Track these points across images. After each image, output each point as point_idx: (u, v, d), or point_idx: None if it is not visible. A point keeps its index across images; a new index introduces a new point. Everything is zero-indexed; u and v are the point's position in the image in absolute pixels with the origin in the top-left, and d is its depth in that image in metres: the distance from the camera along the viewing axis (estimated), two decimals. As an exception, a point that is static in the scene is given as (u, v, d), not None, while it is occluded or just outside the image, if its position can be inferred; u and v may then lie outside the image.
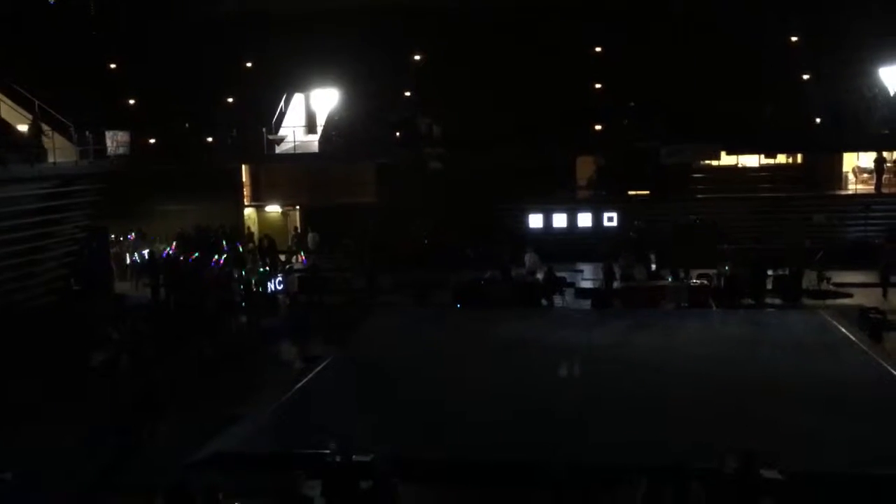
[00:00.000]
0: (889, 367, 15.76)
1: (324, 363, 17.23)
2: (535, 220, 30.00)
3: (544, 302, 22.62)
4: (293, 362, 17.70)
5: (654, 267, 23.57)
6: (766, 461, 10.25)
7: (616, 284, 22.68)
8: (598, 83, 30.39)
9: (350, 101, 32.74)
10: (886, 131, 28.76)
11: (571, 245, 28.17)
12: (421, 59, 32.32)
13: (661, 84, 29.17)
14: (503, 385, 15.37)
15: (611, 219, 29.55)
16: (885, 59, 30.17)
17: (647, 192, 30.63)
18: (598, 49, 31.14)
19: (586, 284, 24.38)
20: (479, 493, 11.28)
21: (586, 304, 22.65)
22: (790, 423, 12.92)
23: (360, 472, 10.58)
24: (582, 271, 26.09)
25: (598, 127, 29.78)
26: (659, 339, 18.60)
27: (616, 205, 29.76)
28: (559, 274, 23.36)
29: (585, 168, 32.01)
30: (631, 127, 29.38)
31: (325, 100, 33.94)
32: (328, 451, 10.86)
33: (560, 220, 29.89)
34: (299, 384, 15.95)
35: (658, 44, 29.92)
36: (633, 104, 29.72)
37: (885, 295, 21.96)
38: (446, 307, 22.72)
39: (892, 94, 29.32)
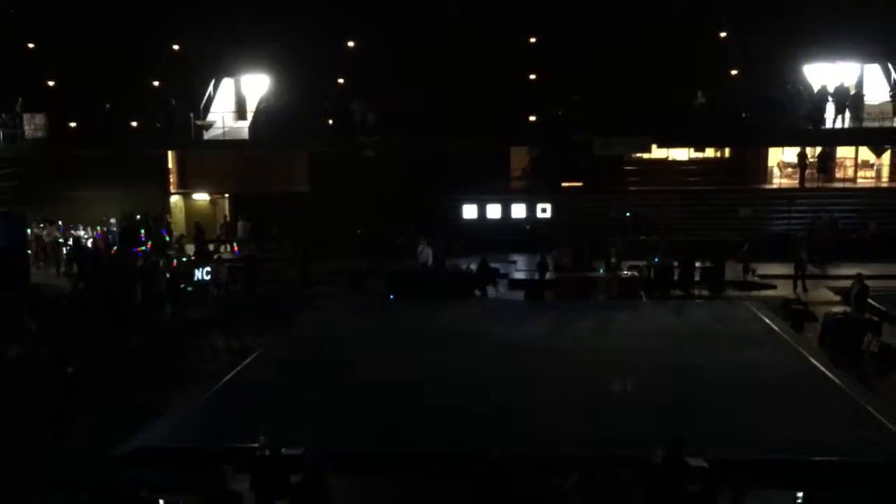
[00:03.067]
0: (809, 357, 16.25)
1: (253, 355, 16.90)
2: (470, 211, 30.03)
3: (478, 293, 22.65)
4: (221, 354, 17.28)
5: (613, 260, 23.49)
6: (692, 449, 10.43)
7: (549, 275, 22.86)
8: (533, 74, 30.52)
9: (282, 88, 32.14)
10: (809, 127, 29.66)
11: (506, 235, 28.33)
12: (355, 46, 31.93)
13: (594, 76, 29.44)
14: (437, 376, 15.32)
15: (544, 210, 29.80)
16: (808, 56, 31.09)
17: (581, 183, 30.96)
18: (532, 39, 31.23)
19: (520, 275, 24.49)
20: (412, 483, 11.20)
21: (520, 294, 22.78)
22: (716, 411, 13.21)
23: (290, 465, 10.37)
24: (516, 262, 26.23)
25: (532, 118, 29.92)
26: (591, 330, 18.82)
27: (550, 196, 30.00)
28: (493, 265, 23.42)
29: (519, 159, 32.18)
30: (565, 119, 29.61)
31: (255, 85, 33.26)
32: (257, 445, 10.62)
33: (494, 211, 30.01)
34: (227, 376, 15.60)
35: (592, 36, 30.15)
36: (572, 96, 29.97)
37: (802, 287, 22.60)
38: (380, 297, 22.55)
39: (815, 90, 30.23)
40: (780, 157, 32.56)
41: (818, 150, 30.98)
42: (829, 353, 16.78)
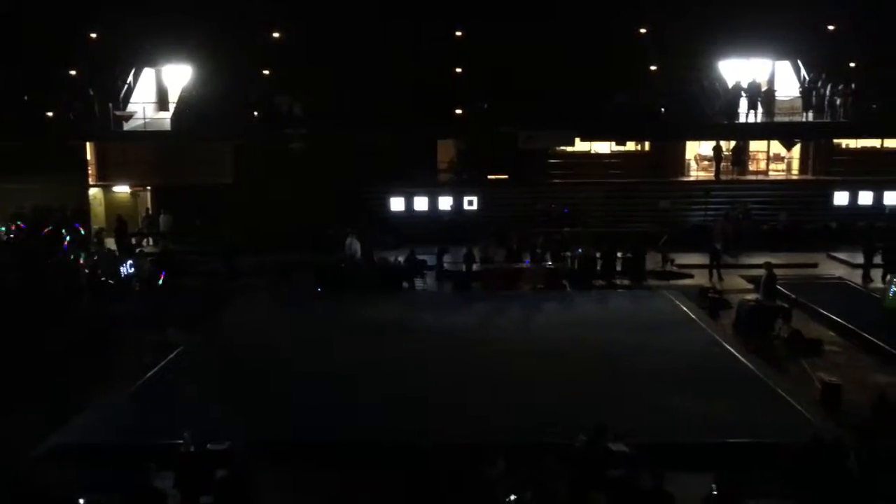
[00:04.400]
0: (724, 343, 16.92)
1: (177, 350, 16.64)
2: (397, 203, 30.08)
3: (406, 285, 22.75)
4: (144, 350, 16.94)
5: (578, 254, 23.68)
6: (613, 434, 10.79)
7: (476, 267, 23.12)
8: (459, 67, 30.70)
9: (205, 78, 31.51)
10: (724, 121, 30.71)
11: (434, 228, 28.47)
12: (280, 37, 31.54)
13: (519, 70, 29.79)
14: (365, 368, 15.37)
15: (471, 202, 30.08)
16: (723, 53, 32.14)
17: (506, 176, 31.35)
18: (459, 33, 31.40)
19: (447, 267, 24.65)
20: (343, 476, 11.24)
21: (447, 286, 22.97)
22: (637, 396, 13.67)
23: (215, 460, 10.30)
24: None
25: (458, 111, 30.12)
26: (517, 320, 19.16)
27: (476, 189, 30.30)
28: (420, 257, 23.55)
29: (446, 152, 32.36)
30: (490, 112, 29.91)
31: (177, 76, 32.51)
32: (181, 441, 10.51)
33: (421, 204, 30.13)
34: (150, 372, 15.34)
35: (517, 31, 30.49)
36: (493, 89, 30.27)
37: (717, 276, 23.43)
38: (308, 290, 22.43)
39: (729, 86, 31.30)
40: (697, 150, 33.61)
41: (733, 143, 32.12)
42: (742, 338, 17.51)
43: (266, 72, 30.64)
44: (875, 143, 32.74)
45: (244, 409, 13.18)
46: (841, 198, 29.87)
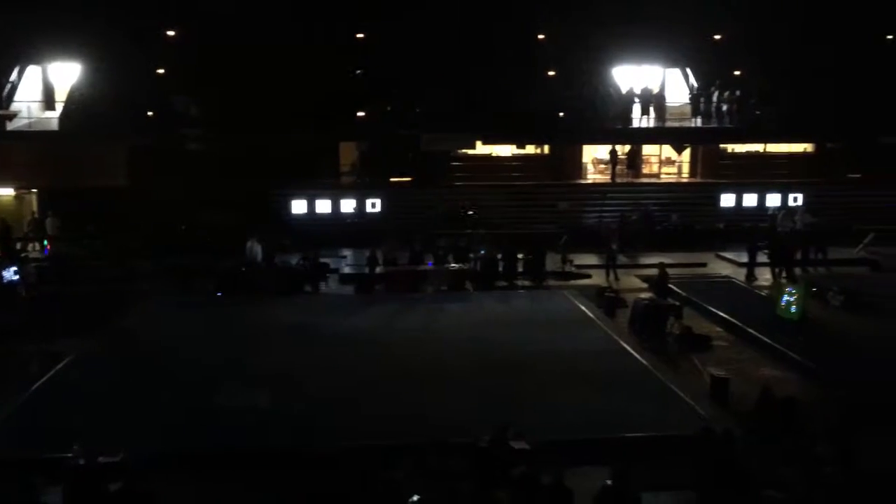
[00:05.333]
0: (620, 341, 17.47)
1: (67, 358, 15.94)
2: (299, 206, 29.72)
3: (308, 288, 22.52)
4: (31, 360, 16.14)
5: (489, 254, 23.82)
6: (515, 432, 10.99)
7: (379, 269, 23.10)
8: (361, 69, 30.60)
9: (96, 77, 30.30)
10: (619, 126, 31.72)
11: (336, 230, 28.29)
12: (176, 35, 30.65)
13: (421, 73, 29.94)
14: (265, 372, 15.12)
15: (374, 205, 30.02)
16: (617, 60, 33.20)
17: (409, 178, 31.44)
18: (360, 35, 31.29)
19: (350, 270, 24.57)
20: (247, 484, 11.02)
21: (350, 289, 22.88)
22: (538, 394, 13.95)
23: (109, 473, 9.93)
24: (346, 257, 26.27)
25: (360, 113, 30.01)
26: (421, 321, 19.24)
27: (379, 191, 30.26)
28: (323, 260, 23.36)
29: (348, 154, 32.19)
30: (393, 114, 29.93)
31: (65, 73, 31.15)
32: (70, 454, 10.08)
33: (324, 206, 29.87)
34: (38, 383, 14.63)
35: (419, 36, 30.61)
36: (394, 91, 30.32)
37: (613, 276, 24.18)
38: (207, 295, 21.88)
39: (623, 92, 32.34)
40: (594, 154, 34.60)
41: (627, 147, 33.20)
42: (637, 336, 18.12)
43: (160, 70, 29.74)
44: (759, 147, 34.51)
45: (140, 418, 12.77)
46: (728, 200, 31.30)
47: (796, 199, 30.69)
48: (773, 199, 30.89)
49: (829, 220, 27.36)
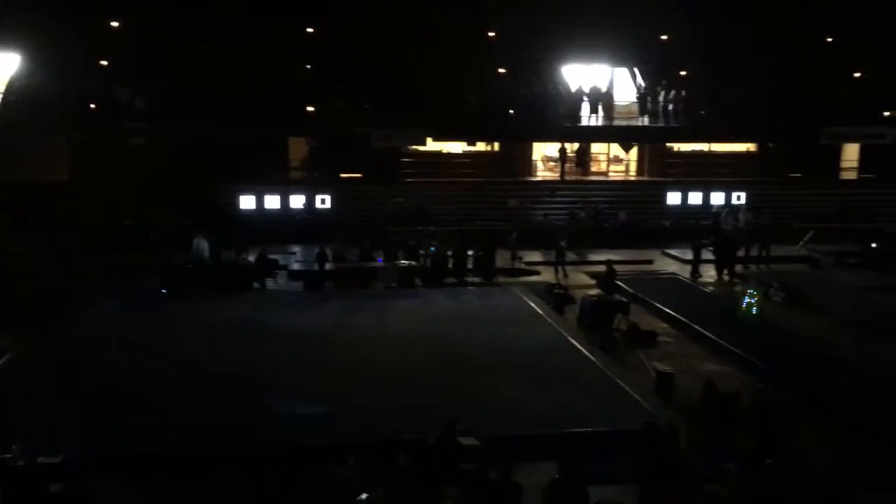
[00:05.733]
0: (569, 337, 17.65)
1: (6, 357, 15.50)
2: (247, 202, 29.37)
3: (256, 285, 22.27)
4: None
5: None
6: (463, 429, 11.04)
7: (329, 266, 22.96)
8: (310, 64, 30.33)
9: (36, 68, 29.44)
10: (568, 124, 32.04)
11: (286, 227, 28.02)
12: (120, 26, 29.96)
13: (372, 69, 29.82)
14: (212, 371, 14.93)
15: (324, 201, 29.82)
16: (566, 58, 33.48)
17: (360, 174, 31.30)
18: (310, 29, 31.01)
19: (299, 266, 24.37)
20: (185, 485, 10.86)
21: (299, 286, 22.69)
22: (488, 390, 14.01)
23: (49, 474, 9.70)
24: (295, 253, 26.05)
25: (310, 108, 29.76)
26: (370, 319, 19.16)
27: (329, 187, 30.07)
28: (271, 256, 23.12)
29: (298, 150, 31.91)
30: (343, 109, 29.74)
31: (5, 64, 30.16)
32: (9, 455, 9.82)
33: (273, 202, 29.56)
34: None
35: (370, 30, 30.49)
36: (344, 87, 30.16)
37: (562, 272, 24.43)
38: (152, 292, 21.47)
39: (572, 90, 32.67)
40: (544, 151, 34.88)
41: (576, 145, 33.55)
42: (585, 332, 18.34)
43: (104, 62, 29.06)
44: (704, 146, 35.19)
45: (82, 418, 12.47)
46: (674, 198, 31.88)
47: (739, 198, 31.39)
48: (717, 198, 31.54)
49: (771, 219, 28.04)
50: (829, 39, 32.06)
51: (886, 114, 32.03)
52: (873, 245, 25.73)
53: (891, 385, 14.59)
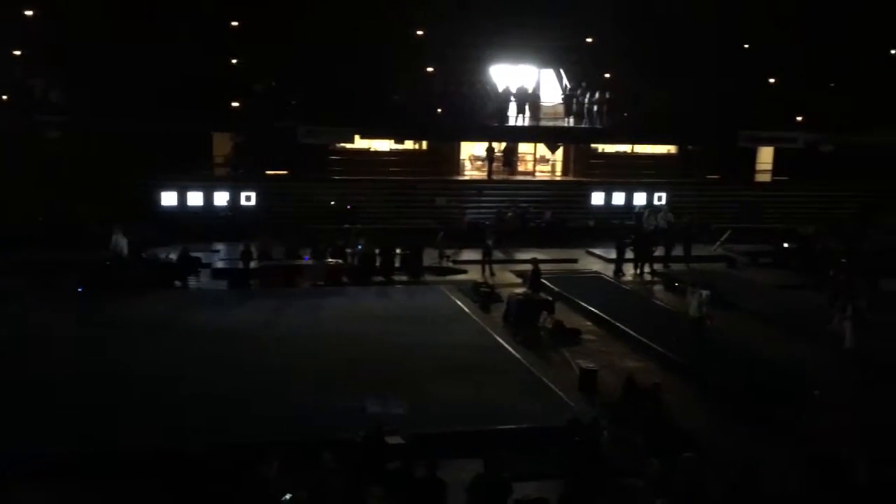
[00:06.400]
0: (495, 335, 17.83)
1: None
2: (169, 198, 28.69)
3: (178, 283, 21.79)
4: None
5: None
6: (390, 428, 11.06)
7: (254, 264, 22.62)
8: (236, 58, 29.78)
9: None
10: (495, 124, 32.32)
11: (209, 224, 27.48)
12: (35, 15, 28.82)
13: (298, 64, 29.47)
14: (132, 370, 14.56)
15: (249, 198, 29.36)
16: (494, 58, 33.80)
17: (286, 171, 30.91)
18: (235, 23, 30.42)
19: (223, 264, 23.94)
20: (109, 487, 10.57)
21: (223, 284, 22.30)
22: (414, 389, 14.04)
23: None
24: (219, 251, 25.58)
25: (235, 104, 29.23)
26: (296, 318, 18.97)
27: (254, 184, 29.61)
28: (194, 254, 22.65)
29: (222, 145, 31.32)
30: (269, 105, 29.32)
31: None
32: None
33: (196, 199, 28.96)
34: None
35: (297, 27, 30.11)
36: (272, 83, 29.74)
37: (489, 271, 24.63)
38: (68, 291, 20.76)
39: (499, 90, 32.97)
40: (471, 150, 35.11)
41: (503, 145, 33.88)
42: (511, 329, 18.55)
43: (17, 52, 27.94)
44: (627, 148, 35.99)
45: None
46: (598, 198, 32.51)
47: (661, 198, 32.22)
48: (639, 198, 32.29)
49: (691, 219, 28.87)
50: (746, 46, 33.15)
51: (799, 119, 33.33)
52: (785, 245, 26.76)
53: (799, 380, 15.24)
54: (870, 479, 9.97)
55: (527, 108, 33.07)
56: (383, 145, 33.80)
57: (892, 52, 32.62)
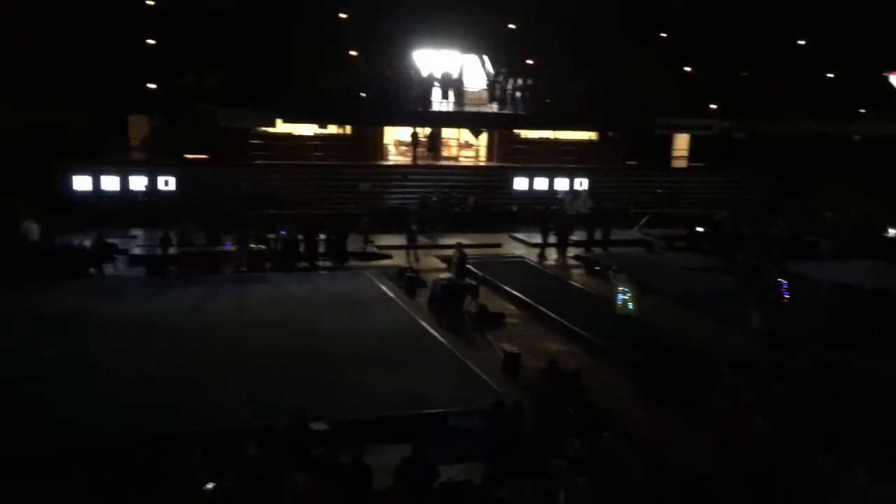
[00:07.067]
0: (420, 320, 17.90)
1: None
2: (83, 183, 27.72)
3: (93, 270, 21.12)
4: None
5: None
6: (314, 415, 11.01)
7: (173, 250, 22.10)
8: (153, 39, 28.87)
9: None
10: (419, 109, 32.29)
11: (126, 209, 26.69)
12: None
13: (220, 47, 28.77)
14: (44, 364, 14.06)
15: (167, 183, 28.62)
16: (418, 43, 33.71)
17: (206, 156, 30.22)
18: (151, 3, 29.47)
19: (140, 251, 23.30)
20: (28, 487, 10.19)
21: (141, 271, 21.73)
22: (338, 375, 14.00)
23: None
24: (136, 237, 24.88)
25: (151, 85, 28.37)
26: (217, 304, 18.65)
27: (173, 168, 28.87)
28: (110, 240, 21.97)
29: (139, 128, 30.40)
30: (188, 87, 28.56)
31: None
32: None
33: (111, 183, 28.07)
34: None
35: (215, 7, 29.34)
36: (191, 64, 28.98)
37: (414, 256, 24.70)
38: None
39: (423, 75, 32.93)
40: (395, 135, 35.00)
41: (428, 130, 33.89)
42: (436, 314, 18.65)
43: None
44: (549, 134, 36.47)
45: None
46: (521, 183, 32.90)
47: (582, 184, 32.81)
48: (561, 183, 32.80)
49: (612, 204, 29.50)
50: (664, 35, 33.93)
51: (713, 107, 34.38)
52: (699, 229, 27.62)
53: (711, 359, 15.77)
54: (776, 457, 10.39)
55: (451, 93, 33.17)
56: (307, 130, 33.38)
57: (801, 42, 33.89)
